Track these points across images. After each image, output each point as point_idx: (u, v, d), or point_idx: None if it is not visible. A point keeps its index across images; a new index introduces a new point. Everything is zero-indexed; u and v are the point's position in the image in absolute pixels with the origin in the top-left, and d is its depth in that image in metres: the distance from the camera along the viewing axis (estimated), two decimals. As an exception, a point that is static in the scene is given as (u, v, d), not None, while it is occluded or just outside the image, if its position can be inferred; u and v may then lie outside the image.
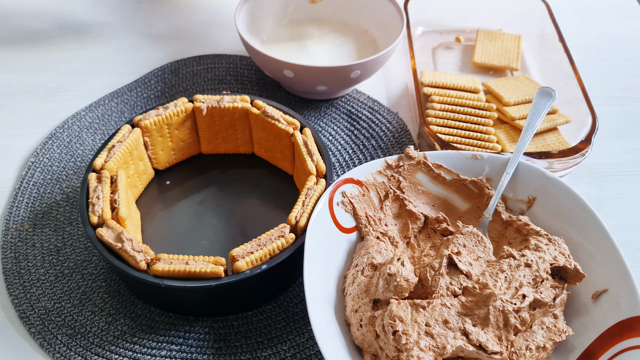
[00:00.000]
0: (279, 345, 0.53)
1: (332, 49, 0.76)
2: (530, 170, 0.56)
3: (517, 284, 0.48)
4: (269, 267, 0.49)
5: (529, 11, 0.82)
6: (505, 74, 0.79)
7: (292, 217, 0.52)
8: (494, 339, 0.45)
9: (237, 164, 0.66)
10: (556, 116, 0.70)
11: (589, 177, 0.68)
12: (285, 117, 0.61)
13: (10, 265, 0.58)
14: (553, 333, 0.48)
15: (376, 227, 0.55)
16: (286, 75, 0.68)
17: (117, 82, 0.78)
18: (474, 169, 0.57)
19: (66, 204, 0.64)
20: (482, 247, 0.52)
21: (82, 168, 0.67)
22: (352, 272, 0.51)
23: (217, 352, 0.53)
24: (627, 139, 0.72)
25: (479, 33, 0.83)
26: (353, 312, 0.49)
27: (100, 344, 0.53)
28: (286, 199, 0.62)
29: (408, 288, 0.47)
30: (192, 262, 0.49)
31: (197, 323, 0.55)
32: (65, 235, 0.61)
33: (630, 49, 0.85)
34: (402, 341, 0.44)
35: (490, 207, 0.55)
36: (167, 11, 0.90)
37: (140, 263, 0.49)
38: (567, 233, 0.53)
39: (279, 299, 0.57)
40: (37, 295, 0.56)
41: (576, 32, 0.85)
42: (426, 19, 0.83)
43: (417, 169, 0.57)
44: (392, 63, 0.80)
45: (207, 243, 0.58)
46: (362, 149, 0.70)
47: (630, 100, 0.77)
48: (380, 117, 0.73)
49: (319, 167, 0.57)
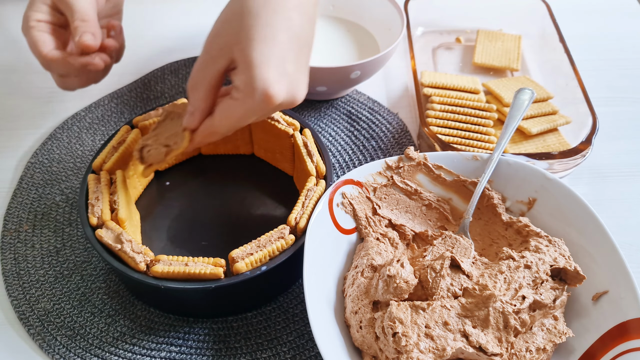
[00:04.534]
0: (279, 347, 0.53)
1: (332, 50, 0.76)
2: (531, 171, 0.55)
3: (517, 286, 0.48)
4: (269, 268, 0.49)
5: (529, 11, 0.82)
6: (506, 74, 0.79)
7: (291, 218, 0.52)
8: (494, 341, 0.45)
9: (237, 165, 0.66)
10: (556, 117, 0.69)
11: (590, 178, 0.68)
12: (285, 118, 0.61)
13: (9, 267, 0.58)
14: (553, 335, 0.48)
15: (376, 228, 0.55)
16: (286, 75, 0.68)
17: (116, 82, 0.78)
18: (474, 170, 0.57)
19: (65, 204, 0.64)
20: (462, 249, 0.52)
21: (81, 169, 0.67)
22: (352, 273, 0.51)
23: (216, 354, 0.53)
24: (628, 140, 0.72)
25: (479, 33, 0.83)
26: (353, 313, 0.48)
27: (100, 345, 0.53)
28: (286, 200, 0.62)
29: (408, 290, 0.47)
30: (192, 264, 0.49)
31: (197, 324, 0.55)
32: (64, 236, 0.61)
33: (631, 49, 0.84)
34: (402, 343, 0.44)
35: (469, 209, 0.55)
36: (167, 11, 0.90)
37: (140, 264, 0.49)
38: (567, 234, 0.53)
39: (279, 300, 0.57)
40: (36, 297, 0.56)
41: (577, 32, 0.85)
42: (426, 19, 0.83)
43: (417, 170, 0.57)
44: (392, 63, 0.80)
45: (206, 244, 0.58)
46: (362, 150, 0.69)
47: (630, 100, 0.77)
48: (381, 117, 0.73)
49: (319, 168, 0.56)
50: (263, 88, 0.43)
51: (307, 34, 0.47)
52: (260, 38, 0.44)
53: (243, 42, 0.44)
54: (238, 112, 0.46)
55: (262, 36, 0.44)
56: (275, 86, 0.43)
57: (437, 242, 0.52)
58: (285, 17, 0.45)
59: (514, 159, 0.56)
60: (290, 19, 0.45)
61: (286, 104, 0.46)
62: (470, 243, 0.52)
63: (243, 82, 0.44)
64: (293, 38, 0.45)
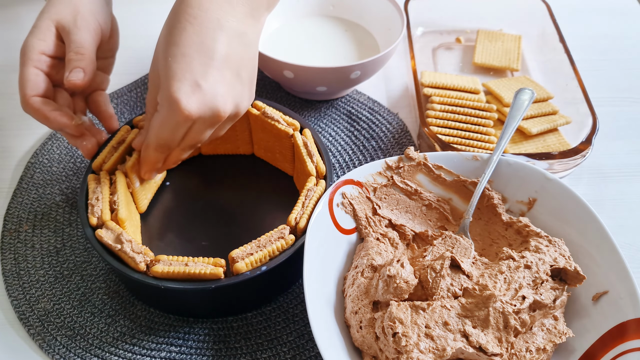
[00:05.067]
0: (279, 347, 0.53)
1: (332, 50, 0.76)
2: (531, 171, 0.55)
3: (517, 286, 0.48)
4: (269, 268, 0.49)
5: (529, 11, 0.82)
6: (506, 74, 0.79)
7: (291, 218, 0.52)
8: (494, 341, 0.45)
9: (237, 165, 0.66)
10: (557, 117, 0.69)
11: (590, 178, 0.68)
12: (285, 118, 0.61)
13: (9, 267, 0.58)
14: (553, 335, 0.48)
15: (376, 228, 0.55)
16: (286, 75, 0.68)
17: (116, 82, 0.77)
18: (475, 170, 0.57)
19: (65, 205, 0.64)
20: (462, 249, 0.52)
21: (81, 169, 0.67)
22: (352, 273, 0.51)
23: (216, 354, 0.53)
24: (628, 140, 0.72)
25: (479, 33, 0.83)
26: (353, 313, 0.48)
27: (100, 346, 0.53)
28: (286, 200, 0.62)
29: (408, 290, 0.47)
30: (192, 264, 0.49)
31: (197, 324, 0.55)
32: (64, 237, 0.61)
33: (631, 49, 0.84)
34: (402, 343, 0.44)
35: (469, 209, 0.55)
36: (167, 11, 0.90)
37: (140, 264, 0.49)
38: (567, 234, 0.53)
39: (279, 301, 0.57)
40: (36, 297, 0.56)
41: (577, 32, 0.85)
42: (426, 19, 0.83)
43: (418, 170, 0.57)
44: (392, 63, 0.80)
45: (206, 244, 0.58)
46: (362, 150, 0.69)
47: (631, 101, 0.77)
48: (381, 117, 0.73)
49: (319, 168, 0.56)
50: (173, 99, 0.46)
51: (227, 50, 0.49)
52: (172, 56, 0.47)
53: (160, 63, 0.49)
54: (156, 122, 0.49)
55: (173, 54, 0.47)
56: (184, 98, 0.46)
57: (437, 242, 0.52)
58: (197, 34, 0.48)
59: (514, 159, 0.56)
60: (203, 35, 0.48)
61: (207, 117, 0.48)
62: (470, 243, 0.52)
63: (160, 96, 0.48)
64: (205, 54, 0.47)
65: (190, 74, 0.47)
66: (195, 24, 0.48)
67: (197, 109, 0.47)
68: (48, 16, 0.56)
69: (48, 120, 0.54)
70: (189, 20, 0.48)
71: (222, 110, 0.49)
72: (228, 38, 0.49)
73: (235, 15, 0.50)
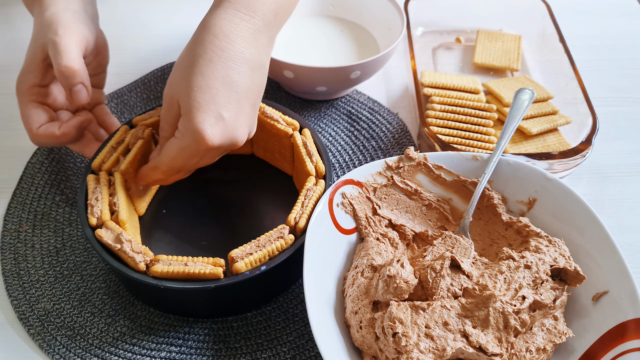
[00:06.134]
0: (279, 347, 0.53)
1: (332, 50, 0.76)
2: (531, 171, 0.55)
3: (517, 286, 0.48)
4: (268, 268, 0.49)
5: (529, 11, 0.82)
6: (506, 74, 0.79)
7: (291, 218, 0.52)
8: (494, 341, 0.45)
9: (236, 165, 0.66)
10: (557, 117, 0.69)
11: (590, 178, 0.68)
12: (284, 118, 0.61)
13: (9, 267, 0.58)
14: (553, 335, 0.48)
15: (376, 228, 0.55)
16: (286, 75, 0.68)
17: (116, 82, 0.78)
18: (475, 170, 0.57)
19: (65, 204, 0.64)
20: (462, 249, 0.52)
21: (81, 169, 0.67)
22: (351, 273, 0.51)
23: (216, 354, 0.53)
24: (628, 140, 0.72)
25: (479, 33, 0.83)
26: (353, 313, 0.48)
27: (100, 345, 0.53)
28: (285, 199, 0.62)
29: (408, 290, 0.47)
30: (191, 264, 0.49)
31: (197, 324, 0.55)
32: (64, 237, 0.61)
33: (631, 49, 0.84)
34: (402, 343, 0.44)
35: (469, 209, 0.55)
36: (167, 11, 0.90)
37: (140, 264, 0.49)
38: (567, 234, 0.53)
39: (279, 300, 0.57)
40: (36, 297, 0.56)
41: (577, 32, 0.85)
42: (426, 19, 0.83)
43: (417, 170, 0.57)
44: (392, 63, 0.80)
45: (206, 244, 0.58)
46: (362, 150, 0.69)
47: (631, 101, 0.77)
48: (380, 117, 0.73)
49: (319, 168, 0.56)
50: (198, 130, 0.48)
51: (248, 83, 0.50)
52: (197, 87, 0.48)
53: (182, 91, 0.49)
54: (175, 148, 0.50)
55: (198, 85, 0.48)
56: (209, 129, 0.48)
57: (437, 242, 0.52)
58: (223, 67, 0.49)
59: (514, 159, 0.56)
60: (229, 68, 0.49)
61: (225, 146, 0.50)
62: (470, 243, 0.52)
63: (182, 124, 0.49)
64: (230, 86, 0.49)
65: (215, 105, 0.48)
66: (223, 57, 0.49)
67: (219, 140, 0.49)
68: (33, 43, 0.57)
69: (62, 136, 0.57)
70: (217, 53, 0.49)
71: (240, 140, 0.51)
72: (251, 70, 0.50)
73: (257, 46, 0.51)
